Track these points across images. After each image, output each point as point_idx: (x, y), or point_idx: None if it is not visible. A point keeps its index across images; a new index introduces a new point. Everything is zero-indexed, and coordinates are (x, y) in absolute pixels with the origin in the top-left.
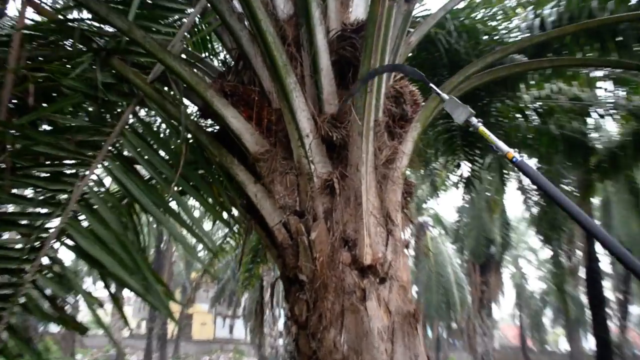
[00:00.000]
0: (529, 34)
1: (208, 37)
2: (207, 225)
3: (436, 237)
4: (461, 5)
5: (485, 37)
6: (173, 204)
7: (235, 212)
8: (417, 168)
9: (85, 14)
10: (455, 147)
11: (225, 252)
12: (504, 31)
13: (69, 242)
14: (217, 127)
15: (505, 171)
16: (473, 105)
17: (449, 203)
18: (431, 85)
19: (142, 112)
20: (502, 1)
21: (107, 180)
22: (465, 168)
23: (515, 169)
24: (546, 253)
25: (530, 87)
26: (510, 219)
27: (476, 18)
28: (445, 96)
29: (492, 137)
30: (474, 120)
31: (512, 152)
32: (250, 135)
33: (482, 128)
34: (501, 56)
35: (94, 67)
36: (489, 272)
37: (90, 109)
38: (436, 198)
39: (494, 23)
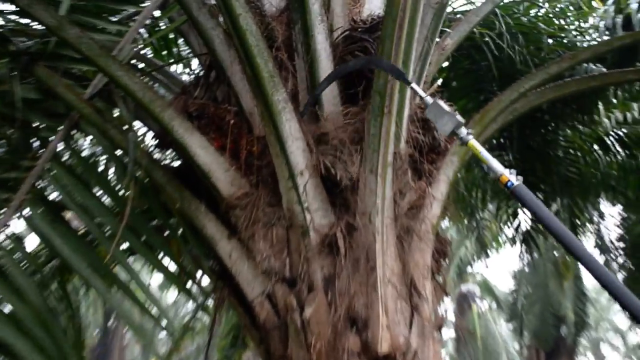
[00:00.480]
0: (608, 37)
1: (172, 38)
2: (171, 294)
3: (485, 313)
4: None
5: (550, 41)
6: (119, 268)
7: (204, 278)
8: (455, 219)
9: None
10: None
11: (195, 333)
12: (575, 32)
13: None
14: (179, 161)
15: (578, 222)
16: (533, 133)
17: (502, 266)
18: (413, 85)
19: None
20: None
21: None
22: (524, 218)
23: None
24: (638, 336)
25: (611, 108)
26: (587, 288)
27: (538, 15)
28: (429, 99)
29: (484, 154)
30: (463, 131)
31: (508, 175)
32: (224, 173)
33: (472, 142)
34: (570, 65)
35: (12, 76)
36: None
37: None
38: (485, 259)
39: (561, 22)
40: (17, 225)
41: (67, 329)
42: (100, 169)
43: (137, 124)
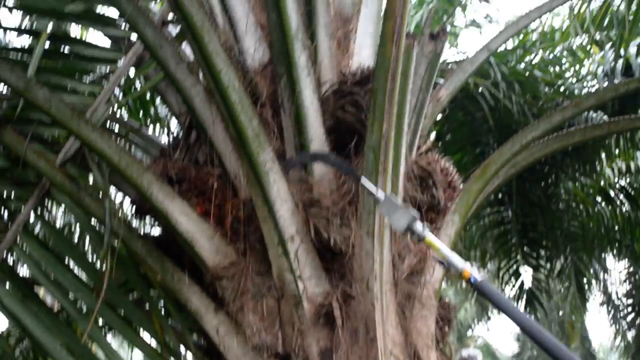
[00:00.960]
0: (607, 83)
1: (149, 98)
2: None
3: None
4: (510, 45)
5: (547, 89)
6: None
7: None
8: (454, 280)
9: None
10: (510, 248)
11: None
12: (572, 80)
13: None
14: (159, 230)
15: (585, 279)
16: (532, 186)
17: (505, 329)
18: (363, 180)
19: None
20: (567, 38)
21: None
22: (527, 277)
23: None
24: None
25: (614, 158)
26: (595, 349)
27: (533, 62)
28: (380, 195)
29: (443, 248)
30: (418, 226)
31: (470, 269)
32: (208, 241)
33: (430, 237)
34: (574, 114)
35: None
36: None
37: None
38: (486, 321)
39: (557, 68)
40: None
41: None
42: (76, 240)
43: (113, 191)
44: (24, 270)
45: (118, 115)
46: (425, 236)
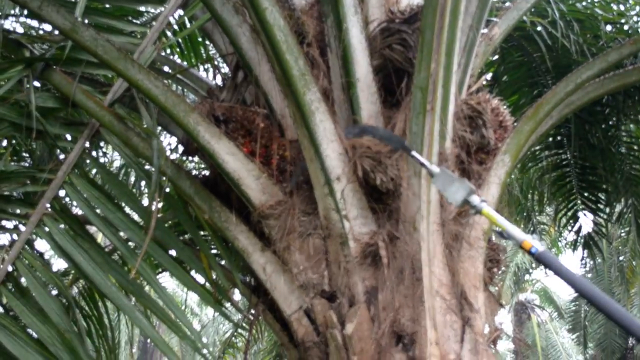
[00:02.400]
0: None
1: (200, 38)
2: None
3: (546, 323)
4: None
5: (609, 28)
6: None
7: (236, 293)
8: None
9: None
10: (569, 191)
11: (237, 349)
12: (636, 18)
13: None
14: (206, 170)
15: None
16: (592, 128)
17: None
18: (414, 153)
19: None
20: None
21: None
22: (586, 221)
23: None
24: None
25: None
26: None
27: (593, 0)
28: (435, 168)
29: (502, 220)
30: (475, 199)
31: (530, 241)
32: (255, 180)
33: (487, 209)
34: (632, 52)
35: (27, 85)
36: None
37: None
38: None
39: (621, 7)
40: (42, 242)
41: (100, 349)
42: (132, 181)
43: (162, 132)
44: (76, 210)
45: (170, 57)
46: (482, 208)
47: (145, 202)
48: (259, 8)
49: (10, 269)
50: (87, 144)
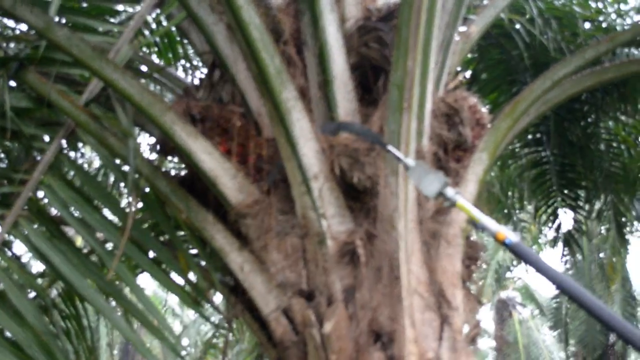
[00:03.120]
0: None
1: (178, 39)
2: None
3: (527, 321)
4: None
5: (587, 25)
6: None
7: (217, 294)
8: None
9: None
10: (548, 189)
11: (218, 350)
12: (614, 16)
13: None
14: (183, 169)
15: (624, 219)
16: (571, 126)
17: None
18: (389, 148)
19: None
20: None
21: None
22: (565, 218)
23: None
24: None
25: None
26: (636, 290)
27: None
28: (410, 162)
29: (476, 212)
30: (450, 191)
31: (504, 232)
32: (231, 179)
33: (461, 201)
34: (608, 49)
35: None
36: None
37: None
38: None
39: (599, 4)
40: (20, 245)
41: (79, 351)
42: (111, 181)
43: (139, 132)
44: (52, 211)
45: (147, 56)
46: (456, 201)
47: (125, 203)
48: (234, 6)
49: None
50: (64, 144)
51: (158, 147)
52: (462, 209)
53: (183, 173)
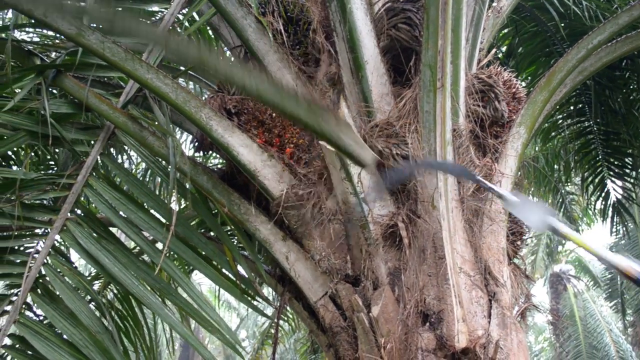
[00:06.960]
0: None
1: (212, 35)
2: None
3: (583, 293)
4: None
5: None
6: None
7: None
8: (539, 196)
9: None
10: (594, 159)
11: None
12: None
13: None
14: (223, 163)
15: None
16: (613, 94)
17: (596, 241)
18: (489, 185)
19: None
20: None
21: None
22: (614, 187)
23: None
24: None
25: None
26: None
27: None
28: (512, 197)
29: (594, 247)
30: (558, 224)
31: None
32: (271, 170)
33: (572, 235)
34: None
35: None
36: None
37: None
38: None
39: None
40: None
41: (138, 348)
42: (154, 180)
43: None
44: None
45: None
46: (567, 234)
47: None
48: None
49: (37, 275)
50: (107, 146)
51: (197, 143)
52: (582, 246)
53: (223, 168)
